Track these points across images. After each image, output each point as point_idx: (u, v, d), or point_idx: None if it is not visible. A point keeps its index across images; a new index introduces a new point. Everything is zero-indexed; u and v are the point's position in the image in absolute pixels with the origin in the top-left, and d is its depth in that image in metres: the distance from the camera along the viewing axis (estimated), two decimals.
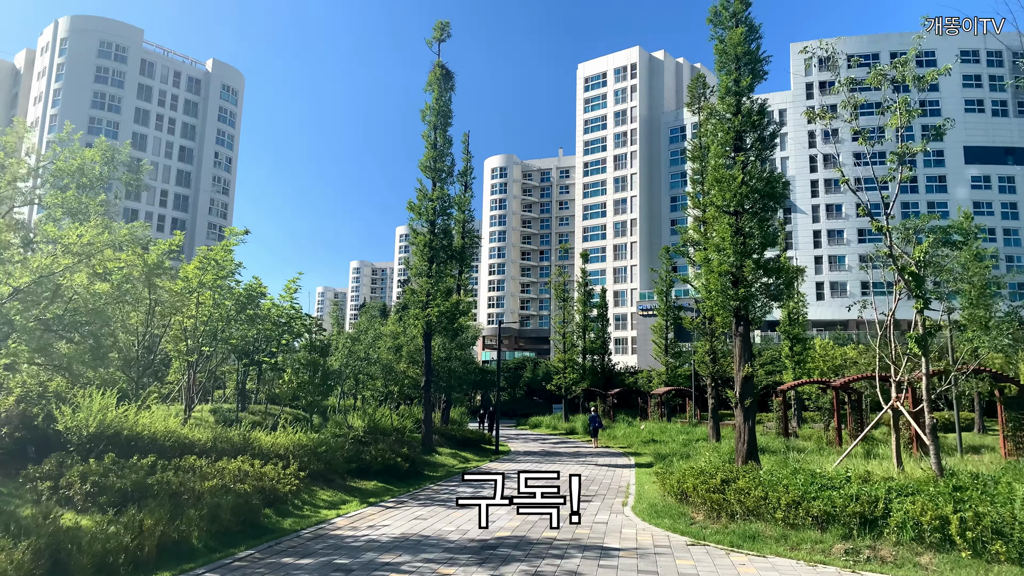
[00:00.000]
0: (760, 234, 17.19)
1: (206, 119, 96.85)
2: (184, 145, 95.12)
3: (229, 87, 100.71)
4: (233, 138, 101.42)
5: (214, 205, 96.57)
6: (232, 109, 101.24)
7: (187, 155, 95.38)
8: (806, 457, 19.15)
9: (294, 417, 27.68)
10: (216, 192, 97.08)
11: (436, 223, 26.22)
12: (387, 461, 18.11)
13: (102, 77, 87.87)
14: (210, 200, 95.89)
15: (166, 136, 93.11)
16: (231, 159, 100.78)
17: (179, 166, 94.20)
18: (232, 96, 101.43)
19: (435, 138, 26.57)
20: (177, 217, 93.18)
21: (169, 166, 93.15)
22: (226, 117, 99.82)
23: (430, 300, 25.57)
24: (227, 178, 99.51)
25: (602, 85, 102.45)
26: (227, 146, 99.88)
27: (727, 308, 17.55)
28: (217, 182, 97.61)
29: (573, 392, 54.23)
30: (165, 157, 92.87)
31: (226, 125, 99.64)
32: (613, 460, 25.95)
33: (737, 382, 17.26)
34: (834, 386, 28.93)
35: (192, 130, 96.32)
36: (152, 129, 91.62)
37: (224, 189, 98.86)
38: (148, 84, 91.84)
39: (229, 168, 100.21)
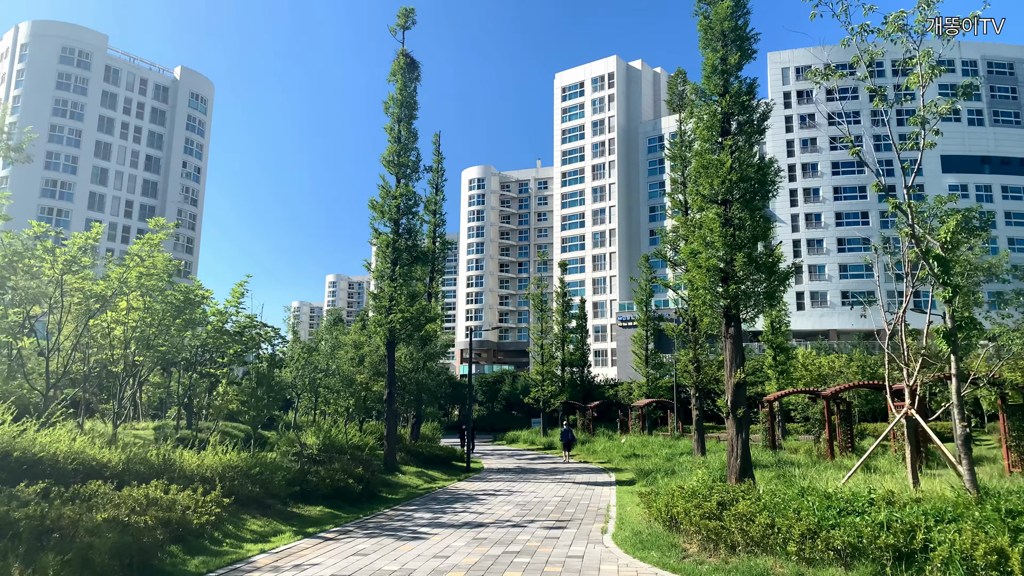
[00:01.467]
0: (751, 225, 15.50)
1: (174, 128, 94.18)
2: (151, 154, 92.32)
3: (198, 95, 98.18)
4: (203, 148, 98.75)
5: (182, 216, 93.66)
6: (201, 118, 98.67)
7: (154, 165, 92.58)
8: (803, 472, 17.40)
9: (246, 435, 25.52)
10: (184, 203, 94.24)
11: (400, 223, 24.31)
12: (337, 483, 16.06)
13: (64, 84, 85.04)
14: (178, 211, 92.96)
15: (132, 145, 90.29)
16: (200, 169, 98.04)
17: (145, 176, 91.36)
18: (201, 104, 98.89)
19: (399, 131, 24.71)
20: (143, 228, 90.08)
21: (135, 176, 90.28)
22: (195, 126, 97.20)
23: (393, 305, 23.60)
24: (196, 188, 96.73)
25: (579, 95, 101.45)
26: (196, 156, 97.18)
27: (715, 308, 15.82)
28: (186, 192, 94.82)
29: (552, 405, 52.32)
30: (131, 167, 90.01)
31: (195, 134, 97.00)
32: (592, 477, 24.06)
33: (728, 390, 15.50)
34: (824, 396, 27.34)
35: (159, 139, 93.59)
36: (117, 138, 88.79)
37: (193, 200, 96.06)
38: (113, 91, 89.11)
39: (198, 178, 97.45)
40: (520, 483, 21.79)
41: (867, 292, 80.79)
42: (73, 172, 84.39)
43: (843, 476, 17.19)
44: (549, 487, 20.43)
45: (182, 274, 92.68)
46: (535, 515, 14.53)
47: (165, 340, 17.09)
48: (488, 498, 17.76)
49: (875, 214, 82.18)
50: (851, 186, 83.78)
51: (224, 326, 20.89)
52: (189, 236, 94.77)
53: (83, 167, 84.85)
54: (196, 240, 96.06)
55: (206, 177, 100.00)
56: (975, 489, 9.33)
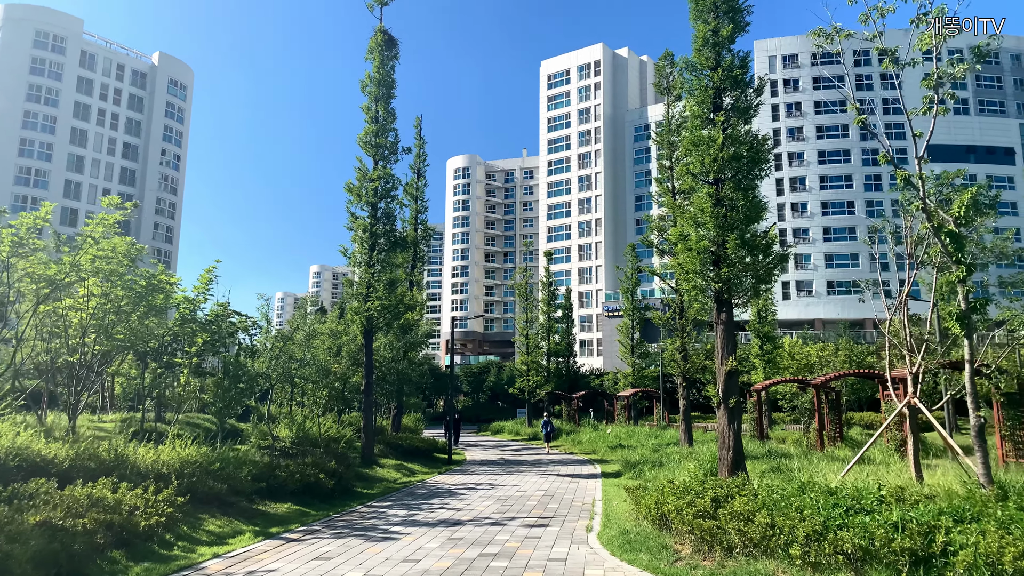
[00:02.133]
0: (744, 206, 14.72)
1: (152, 115, 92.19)
2: (128, 142, 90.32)
3: (177, 81, 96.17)
4: (182, 135, 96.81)
5: (161, 205, 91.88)
6: (180, 105, 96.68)
7: (132, 152, 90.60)
8: (795, 464, 16.72)
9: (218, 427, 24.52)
10: (163, 191, 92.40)
11: (378, 206, 23.34)
12: (307, 478, 15.15)
13: (38, 69, 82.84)
14: (156, 200, 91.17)
15: (108, 132, 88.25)
16: (180, 157, 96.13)
17: (123, 163, 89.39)
18: (180, 91, 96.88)
19: (376, 111, 23.70)
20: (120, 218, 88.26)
21: (112, 163, 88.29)
22: (174, 113, 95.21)
23: (371, 293, 22.66)
24: (175, 177, 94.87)
25: (565, 83, 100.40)
26: (175, 143, 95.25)
27: (706, 293, 15.05)
28: (164, 181, 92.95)
29: (537, 396, 51.62)
30: (108, 154, 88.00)
31: (174, 121, 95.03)
32: (577, 469, 23.32)
33: (719, 378, 14.74)
34: (815, 384, 26.77)
35: (137, 126, 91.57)
36: (93, 124, 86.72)
37: (172, 188, 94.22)
38: (89, 77, 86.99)
39: (177, 167, 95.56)
40: (502, 476, 21.00)
41: (852, 281, 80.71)
42: (48, 159, 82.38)
43: (838, 468, 16.53)
44: (532, 480, 19.66)
45: (161, 260, 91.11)
46: (516, 511, 13.74)
47: (124, 328, 16.08)
48: (468, 493, 16.95)
49: (861, 203, 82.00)
50: (838, 175, 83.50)
51: (192, 314, 19.91)
52: (168, 225, 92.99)
53: (58, 154, 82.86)
54: (176, 230, 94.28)
55: (186, 165, 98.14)
56: (990, 484, 8.62)
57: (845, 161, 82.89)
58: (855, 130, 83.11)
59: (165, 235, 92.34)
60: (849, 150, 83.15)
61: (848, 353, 41.97)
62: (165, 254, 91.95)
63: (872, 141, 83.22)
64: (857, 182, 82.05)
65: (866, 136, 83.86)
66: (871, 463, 18.87)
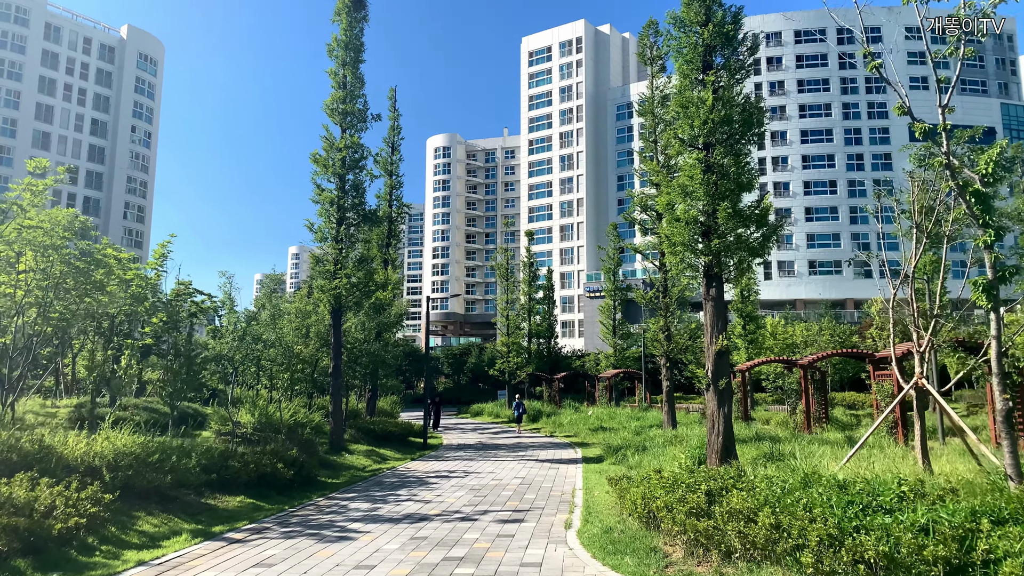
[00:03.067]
0: (736, 172, 13.62)
1: (121, 90, 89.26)
2: (97, 118, 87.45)
3: (147, 56, 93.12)
4: (152, 111, 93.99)
5: (132, 183, 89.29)
6: (151, 80, 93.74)
7: (100, 129, 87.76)
8: (786, 449, 15.75)
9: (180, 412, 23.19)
10: (134, 169, 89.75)
11: (346, 178, 21.97)
12: (263, 468, 13.93)
13: (0, 42, 79.64)
14: (127, 178, 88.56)
15: (76, 108, 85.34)
16: (151, 134, 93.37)
17: (91, 140, 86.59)
18: (151, 66, 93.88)
19: (344, 75, 22.23)
20: (90, 196, 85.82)
21: (80, 140, 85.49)
22: (144, 88, 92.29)
23: (339, 270, 21.36)
24: (146, 154, 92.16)
25: (547, 60, 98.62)
26: (146, 120, 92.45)
27: (695, 266, 13.97)
28: (135, 158, 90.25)
29: (518, 377, 50.59)
30: (75, 131, 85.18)
31: (144, 97, 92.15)
32: (557, 453, 22.32)
33: (709, 358, 13.70)
34: (801, 365, 25.95)
35: (106, 101, 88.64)
36: (60, 100, 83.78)
37: (143, 166, 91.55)
38: (54, 50, 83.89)
39: (148, 144, 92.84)
40: (479, 462, 19.93)
41: (835, 261, 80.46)
42: (12, 136, 79.53)
43: (832, 453, 15.63)
44: (510, 466, 18.60)
45: (133, 241, 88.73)
46: (490, 503, 12.66)
47: (60, 307, 14.72)
48: (440, 481, 15.85)
49: (843, 183, 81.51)
50: (820, 155, 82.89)
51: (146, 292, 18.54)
52: (140, 204, 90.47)
53: (23, 131, 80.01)
54: (148, 209, 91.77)
55: (157, 143, 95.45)
56: (1019, 477, 7.65)
57: (828, 141, 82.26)
58: (838, 109, 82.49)
59: (137, 215, 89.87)
60: (832, 129, 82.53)
61: (832, 333, 41.38)
62: (137, 234, 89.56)
63: (856, 119, 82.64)
64: (839, 162, 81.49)
65: (848, 115, 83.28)
66: (865, 447, 18.04)
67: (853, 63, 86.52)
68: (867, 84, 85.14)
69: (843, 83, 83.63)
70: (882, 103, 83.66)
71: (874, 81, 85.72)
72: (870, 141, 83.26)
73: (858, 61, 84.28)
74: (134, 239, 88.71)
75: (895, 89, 9.21)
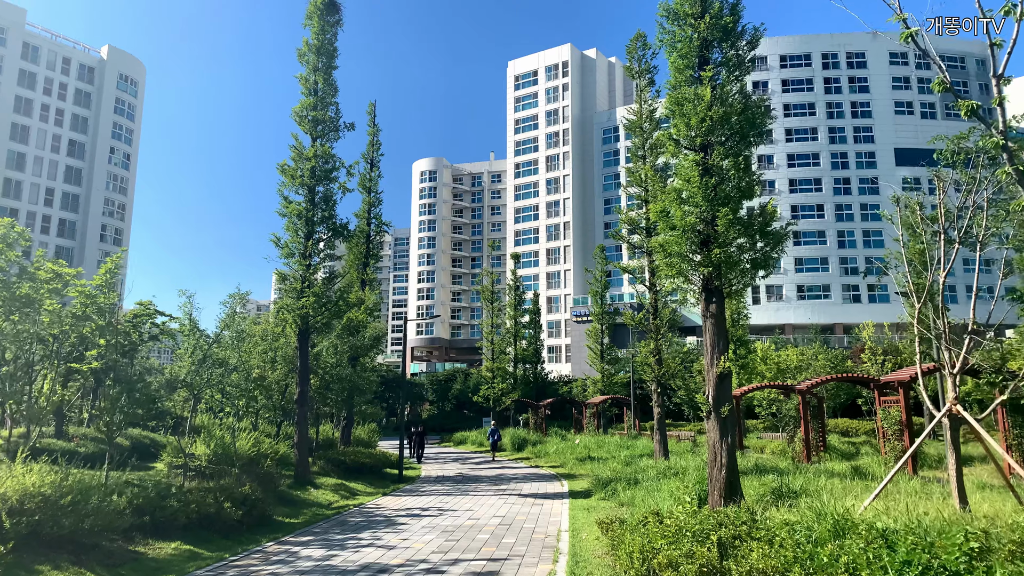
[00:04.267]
0: (737, 175, 12.32)
1: (100, 111, 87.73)
2: (74, 139, 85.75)
3: (128, 77, 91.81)
4: (132, 133, 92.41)
5: (109, 205, 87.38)
6: (131, 101, 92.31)
7: (78, 150, 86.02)
8: (794, 483, 14.27)
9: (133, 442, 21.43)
10: (112, 191, 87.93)
11: (316, 190, 20.53)
12: (206, 508, 12.26)
13: None
14: (104, 200, 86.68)
15: (53, 128, 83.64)
16: (130, 155, 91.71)
17: (68, 161, 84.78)
18: (132, 87, 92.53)
19: (315, 81, 20.90)
20: (65, 218, 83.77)
21: (56, 161, 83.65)
22: (124, 109, 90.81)
23: (306, 287, 19.82)
24: (125, 176, 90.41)
25: (533, 83, 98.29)
26: (125, 141, 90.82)
27: (693, 279, 12.59)
28: (113, 180, 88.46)
29: (503, 404, 48.95)
30: (52, 151, 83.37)
31: (124, 118, 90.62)
32: (542, 486, 20.70)
33: (709, 381, 12.26)
34: (800, 390, 24.56)
35: (84, 122, 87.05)
36: (36, 120, 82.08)
37: (122, 188, 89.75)
38: (32, 70, 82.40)
39: (128, 166, 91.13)
40: (456, 497, 18.29)
41: (823, 286, 79.74)
42: None
43: (841, 487, 14.18)
44: (489, 502, 16.98)
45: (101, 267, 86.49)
46: (463, 549, 11.06)
47: None
48: (410, 522, 14.21)
49: (830, 207, 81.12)
50: (807, 178, 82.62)
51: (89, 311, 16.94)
52: (117, 227, 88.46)
53: None
54: (125, 232, 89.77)
55: (137, 165, 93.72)
56: None
57: (815, 165, 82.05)
58: (824, 133, 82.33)
59: (114, 237, 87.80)
60: (819, 153, 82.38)
61: (827, 357, 40.15)
62: None
63: (842, 143, 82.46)
64: (826, 185, 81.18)
65: (835, 139, 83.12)
66: (874, 478, 16.62)
67: (839, 87, 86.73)
68: (852, 109, 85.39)
69: (829, 107, 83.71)
70: (868, 127, 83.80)
71: (859, 106, 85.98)
72: (856, 165, 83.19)
73: (843, 85, 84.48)
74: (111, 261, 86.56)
75: (934, 61, 7.84)
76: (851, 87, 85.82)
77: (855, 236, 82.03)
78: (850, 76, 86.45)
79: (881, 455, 20.58)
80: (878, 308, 75.25)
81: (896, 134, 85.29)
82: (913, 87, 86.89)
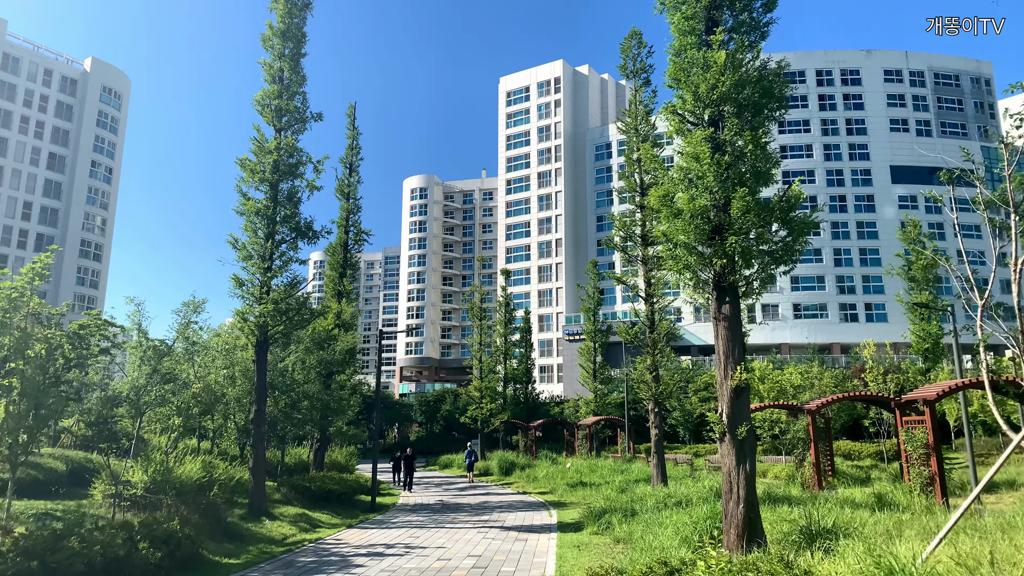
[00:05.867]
0: (754, 154, 10.43)
1: (82, 124, 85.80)
2: (55, 152, 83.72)
3: (111, 90, 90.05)
4: (115, 146, 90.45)
5: (89, 220, 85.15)
6: (114, 114, 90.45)
7: (58, 163, 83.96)
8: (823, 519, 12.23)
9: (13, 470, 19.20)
10: (92, 206, 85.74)
11: (279, 187, 18.56)
12: (112, 551, 10.08)
13: None
14: (84, 214, 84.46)
15: (32, 140, 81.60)
16: (112, 169, 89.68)
17: (47, 175, 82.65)
18: (115, 100, 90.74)
19: (280, 68, 19.02)
20: (44, 232, 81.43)
21: (35, 174, 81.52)
22: (107, 123, 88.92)
23: (264, 294, 17.78)
24: (106, 190, 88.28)
25: (525, 99, 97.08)
26: (107, 155, 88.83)
27: (703, 275, 10.64)
28: (94, 194, 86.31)
29: (492, 425, 46.71)
30: (31, 164, 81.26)
31: (107, 131, 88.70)
32: (528, 517, 18.55)
33: (723, 396, 10.26)
34: (809, 410, 22.62)
35: (65, 135, 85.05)
36: (15, 132, 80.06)
37: (103, 204, 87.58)
38: (11, 81, 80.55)
39: (109, 180, 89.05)
40: (430, 531, 16.14)
41: (819, 305, 78.15)
42: None
43: (872, 520, 12.16)
44: (466, 538, 14.84)
45: (88, 281, 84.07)
46: None
47: None
48: (368, 564, 12.07)
49: (827, 226, 79.70)
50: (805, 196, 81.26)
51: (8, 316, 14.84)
52: (98, 242, 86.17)
53: None
54: (105, 247, 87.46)
55: (119, 179, 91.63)
56: None
57: (810, 182, 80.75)
58: (819, 150, 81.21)
59: (94, 252, 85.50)
60: (814, 170, 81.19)
61: (831, 376, 38.28)
62: (94, 273, 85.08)
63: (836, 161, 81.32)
64: (822, 202, 79.79)
65: (830, 156, 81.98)
66: (904, 510, 14.62)
67: (833, 104, 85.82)
68: (847, 126, 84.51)
69: (823, 124, 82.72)
70: (863, 144, 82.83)
71: (855, 123, 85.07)
72: (852, 183, 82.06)
73: (838, 102, 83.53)
74: (90, 278, 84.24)
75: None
76: (846, 104, 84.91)
77: (851, 254, 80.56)
78: (844, 93, 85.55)
79: (904, 482, 18.59)
80: (875, 327, 73.55)
81: (892, 151, 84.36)
82: (908, 104, 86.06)
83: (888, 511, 14.26)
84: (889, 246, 76.61)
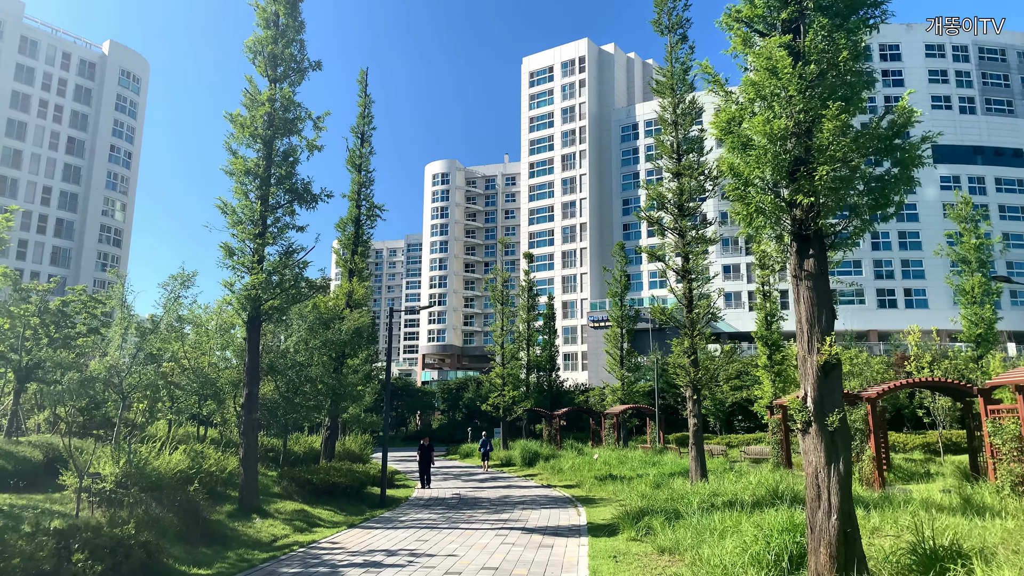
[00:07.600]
0: (847, 59, 8.07)
1: (100, 108, 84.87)
2: (73, 136, 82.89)
3: (130, 73, 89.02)
4: (134, 131, 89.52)
5: (109, 205, 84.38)
6: (133, 98, 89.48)
7: (77, 147, 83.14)
8: (939, 534, 9.91)
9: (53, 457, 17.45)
10: (112, 191, 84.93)
11: (274, 144, 16.49)
12: (37, 565, 8.08)
13: None
14: (104, 199, 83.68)
15: (51, 125, 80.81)
16: (131, 154, 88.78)
17: (67, 159, 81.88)
18: (134, 84, 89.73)
19: (275, 12, 16.89)
20: (63, 217, 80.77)
21: (54, 159, 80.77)
22: (125, 107, 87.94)
23: (256, 264, 15.76)
24: (126, 175, 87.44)
25: (548, 80, 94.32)
26: (127, 139, 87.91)
27: (780, 222, 8.34)
28: (113, 179, 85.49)
29: (514, 413, 44.62)
30: (49, 149, 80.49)
31: (125, 116, 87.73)
32: (553, 516, 16.40)
33: (807, 377, 7.95)
34: (868, 398, 20.21)
35: (84, 119, 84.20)
36: (34, 116, 79.28)
37: (122, 188, 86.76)
38: (30, 65, 79.68)
39: (129, 164, 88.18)
40: (441, 532, 14.07)
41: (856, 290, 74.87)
42: None
43: (978, 533, 9.82)
44: (481, 543, 12.73)
45: (108, 265, 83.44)
46: None
47: None
48: (367, 572, 10.01)
49: None
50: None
51: None
52: (117, 227, 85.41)
53: None
54: (125, 232, 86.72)
55: (139, 164, 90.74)
56: None
57: None
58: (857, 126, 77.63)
59: (114, 238, 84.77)
60: None
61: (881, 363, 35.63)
62: (113, 258, 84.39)
63: None
64: None
65: None
66: (985, 511, 12.22)
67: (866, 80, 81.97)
68: (886, 103, 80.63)
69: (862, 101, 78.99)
70: None
71: (894, 100, 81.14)
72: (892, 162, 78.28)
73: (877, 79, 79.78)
74: (110, 263, 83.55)
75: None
76: (884, 80, 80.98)
77: (890, 237, 76.88)
78: (883, 69, 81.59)
79: (989, 480, 16.15)
80: (916, 313, 70.14)
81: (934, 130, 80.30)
82: (951, 80, 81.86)
83: (984, 517, 11.88)
84: (931, 229, 72.98)
